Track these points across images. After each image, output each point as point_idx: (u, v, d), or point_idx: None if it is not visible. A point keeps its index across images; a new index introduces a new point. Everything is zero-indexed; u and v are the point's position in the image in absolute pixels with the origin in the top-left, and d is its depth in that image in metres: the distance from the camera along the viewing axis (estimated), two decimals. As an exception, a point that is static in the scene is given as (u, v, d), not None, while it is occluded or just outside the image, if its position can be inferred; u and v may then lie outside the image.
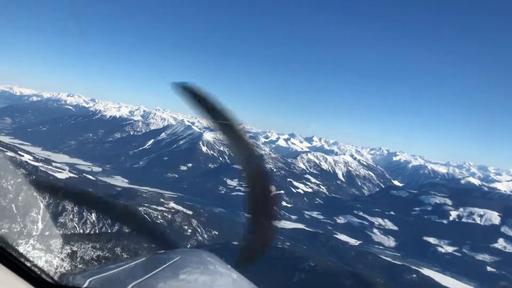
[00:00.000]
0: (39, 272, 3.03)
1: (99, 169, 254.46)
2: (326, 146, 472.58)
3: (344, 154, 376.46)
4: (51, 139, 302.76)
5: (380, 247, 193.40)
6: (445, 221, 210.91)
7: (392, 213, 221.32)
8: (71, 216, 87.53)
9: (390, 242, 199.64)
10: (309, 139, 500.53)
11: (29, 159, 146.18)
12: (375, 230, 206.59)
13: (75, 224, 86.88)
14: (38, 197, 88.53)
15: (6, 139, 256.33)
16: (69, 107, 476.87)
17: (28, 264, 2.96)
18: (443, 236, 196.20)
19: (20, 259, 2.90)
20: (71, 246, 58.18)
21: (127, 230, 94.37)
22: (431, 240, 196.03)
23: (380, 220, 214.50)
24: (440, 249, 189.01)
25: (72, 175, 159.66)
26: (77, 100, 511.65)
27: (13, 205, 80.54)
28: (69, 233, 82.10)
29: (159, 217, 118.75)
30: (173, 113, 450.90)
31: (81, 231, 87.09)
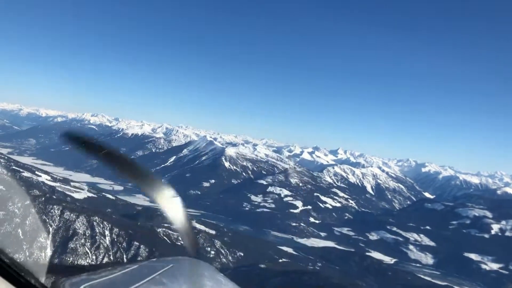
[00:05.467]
0: (29, 279, 2.92)
1: (121, 188, 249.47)
2: (352, 159, 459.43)
3: (372, 166, 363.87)
4: (73, 158, 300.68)
5: (418, 265, 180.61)
6: (486, 235, 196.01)
7: (427, 227, 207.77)
8: (82, 241, 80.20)
9: (428, 259, 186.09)
10: (334, 152, 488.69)
11: (46, 179, 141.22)
12: (410, 247, 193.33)
13: (87, 250, 79.43)
14: (48, 220, 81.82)
15: (29, 160, 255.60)
16: (93, 126, 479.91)
17: (18, 270, 2.85)
18: (486, 252, 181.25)
19: (9, 264, 2.79)
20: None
21: (144, 255, 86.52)
22: (473, 256, 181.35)
23: (415, 236, 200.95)
24: (483, 266, 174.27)
25: (91, 194, 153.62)
26: (100, 120, 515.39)
27: (19, 230, 73.87)
28: (80, 261, 74.59)
29: (179, 238, 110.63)
30: (195, 130, 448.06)
31: (94, 256, 79.57)
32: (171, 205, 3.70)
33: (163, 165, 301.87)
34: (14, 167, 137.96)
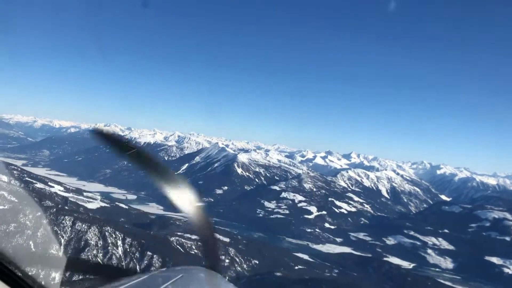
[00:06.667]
0: None
1: (134, 197, 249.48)
2: (365, 162, 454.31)
3: (386, 170, 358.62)
4: (86, 168, 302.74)
5: (437, 269, 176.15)
6: (507, 238, 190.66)
7: (446, 231, 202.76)
8: (95, 252, 78.98)
9: (447, 263, 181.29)
10: (347, 156, 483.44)
11: (59, 190, 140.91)
12: (429, 251, 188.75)
13: (99, 260, 78.00)
14: (59, 231, 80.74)
15: (43, 171, 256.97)
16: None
17: (32, 284, 2.86)
18: (508, 255, 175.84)
19: (22, 277, 2.81)
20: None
21: (157, 265, 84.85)
22: (494, 260, 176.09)
23: (433, 239, 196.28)
24: (506, 270, 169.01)
25: (104, 204, 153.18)
26: (113, 130, 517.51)
27: (31, 242, 72.81)
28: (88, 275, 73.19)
29: (193, 247, 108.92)
30: (207, 137, 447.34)
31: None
32: (192, 208, 3.74)
33: (175, 173, 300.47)
34: (27, 179, 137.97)
